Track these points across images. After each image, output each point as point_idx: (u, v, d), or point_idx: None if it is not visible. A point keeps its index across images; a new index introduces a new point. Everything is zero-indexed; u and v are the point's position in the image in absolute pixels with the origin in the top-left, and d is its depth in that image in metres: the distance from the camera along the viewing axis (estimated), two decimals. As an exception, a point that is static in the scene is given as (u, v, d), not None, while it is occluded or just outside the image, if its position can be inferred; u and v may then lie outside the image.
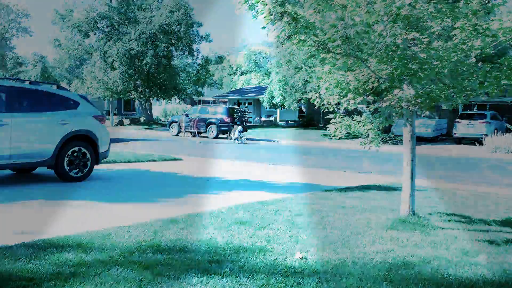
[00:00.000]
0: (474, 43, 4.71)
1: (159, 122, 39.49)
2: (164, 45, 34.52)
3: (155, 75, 34.55)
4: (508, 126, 17.26)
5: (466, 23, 4.61)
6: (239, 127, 25.15)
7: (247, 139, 24.92)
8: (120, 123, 38.37)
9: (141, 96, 36.90)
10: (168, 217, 5.61)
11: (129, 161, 12.04)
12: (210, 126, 26.77)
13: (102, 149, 9.00)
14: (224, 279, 3.63)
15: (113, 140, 13.69)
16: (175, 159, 13.41)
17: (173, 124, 29.17)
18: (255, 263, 4.06)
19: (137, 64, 33.13)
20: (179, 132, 28.49)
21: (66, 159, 8.35)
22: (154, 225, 5.23)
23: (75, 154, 8.50)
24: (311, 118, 34.85)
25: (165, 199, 7.13)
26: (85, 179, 8.61)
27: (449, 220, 6.25)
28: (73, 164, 8.45)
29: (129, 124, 38.16)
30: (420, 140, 22.91)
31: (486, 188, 10.03)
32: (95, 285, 3.38)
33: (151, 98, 39.02)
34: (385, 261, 4.31)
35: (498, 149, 20.19)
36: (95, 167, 9.01)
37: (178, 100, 43.07)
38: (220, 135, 26.66)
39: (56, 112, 8.38)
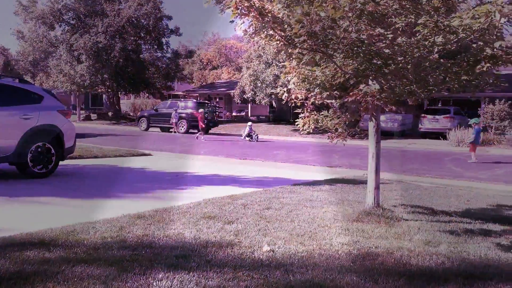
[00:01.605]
0: (436, 39, 4.84)
1: (128, 117, 38.82)
2: (132, 38, 33.90)
3: (123, 69, 33.89)
4: (470, 121, 17.87)
5: (428, 20, 4.72)
6: (249, 123, 23.73)
7: (257, 136, 22.90)
8: (87, 118, 37.51)
9: (109, 90, 36.18)
10: (135, 212, 5.54)
11: (96, 157, 11.81)
12: (180, 121, 26.50)
13: (67, 144, 8.78)
14: (191, 273, 3.62)
15: (80, 135, 13.39)
16: (144, 155, 13.23)
17: (142, 118, 28.72)
18: (222, 257, 4.07)
19: (105, 57, 32.39)
20: (148, 127, 28.09)
21: (29, 155, 8.09)
22: (121, 221, 5.15)
23: (39, 149, 8.26)
24: (281, 113, 35.05)
25: (133, 194, 7.04)
26: (50, 175, 8.39)
27: (413, 212, 6.44)
28: (37, 160, 8.21)
29: (97, 119, 37.36)
30: (386, 134, 23.41)
31: (449, 181, 10.38)
32: (58, 283, 3.31)
33: (119, 93, 38.29)
34: (351, 252, 4.40)
35: (461, 143, 20.89)
36: (61, 162, 8.79)
37: (147, 95, 42.45)
38: (191, 130, 26.44)
39: (18, 107, 8.11)
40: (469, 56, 4.97)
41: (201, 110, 23.78)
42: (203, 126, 22.51)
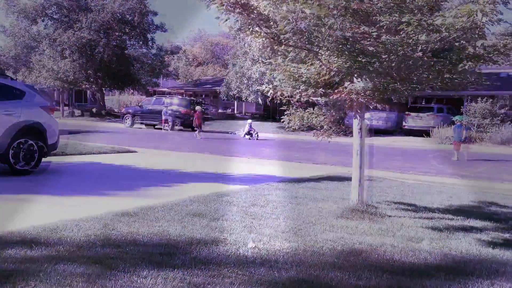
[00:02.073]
0: (420, 37, 4.89)
1: (113, 113, 38.40)
2: (117, 34, 33.51)
3: (108, 64, 33.48)
4: (453, 118, 18.16)
5: (412, 18, 4.77)
6: (249, 120, 23.00)
7: (257, 134, 22.12)
8: (71, 114, 36.97)
9: (93, 86, 35.73)
10: (120, 210, 5.50)
11: (80, 153, 11.66)
12: (166, 118, 26.28)
13: (50, 141, 8.65)
14: (175, 270, 3.61)
15: (63, 132, 13.19)
16: (128, 151, 13.12)
17: (127, 115, 28.44)
18: (207, 254, 4.07)
19: (89, 53, 31.96)
20: (133, 123, 27.84)
21: (11, 151, 7.95)
22: (105, 218, 5.10)
23: (21, 146, 8.12)
24: (268, 110, 35.07)
25: (117, 191, 6.98)
26: (33, 172, 8.26)
27: (396, 208, 6.51)
28: (19, 156, 8.07)
29: (81, 115, 36.86)
30: (371, 132, 23.63)
31: (432, 178, 10.53)
32: (40, 281, 3.26)
33: (103, 89, 37.84)
34: (335, 249, 4.44)
35: (444, 141, 21.19)
36: (44, 159, 8.66)
37: (132, 91, 42.05)
38: (176, 127, 26.27)
39: (-1, 102, 7.96)
40: (451, 55, 5.04)
41: (198, 107, 23.42)
42: (201, 124, 21.88)
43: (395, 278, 3.71)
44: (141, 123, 27.85)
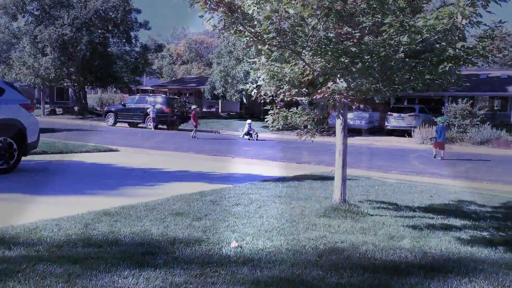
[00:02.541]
0: (402, 39, 4.96)
1: (95, 112, 37.91)
2: (100, 31, 33.07)
3: (90, 62, 33.01)
4: (435, 119, 18.44)
5: (394, 20, 4.83)
6: (249, 120, 22.37)
7: (257, 135, 21.60)
8: (52, 113, 36.37)
9: (75, 84, 35.18)
10: (101, 209, 5.44)
11: (61, 152, 11.49)
12: (148, 116, 26.09)
13: (30, 139, 8.51)
14: (157, 270, 3.59)
15: (44, 130, 12.99)
16: (111, 150, 12.98)
17: (110, 114, 28.12)
18: (190, 254, 4.05)
19: (71, 50, 31.46)
20: (115, 122, 27.53)
21: (-11, 150, 7.80)
22: (86, 217, 5.04)
23: (0, 144, 7.96)
24: (252, 110, 35.07)
25: (99, 191, 6.90)
26: (12, 171, 8.10)
27: (378, 207, 6.59)
28: (-3, 155, 7.91)
29: (62, 114, 36.30)
30: (354, 132, 23.85)
31: (413, 177, 10.68)
32: (18, 282, 3.21)
33: (86, 87, 37.31)
34: (317, 247, 4.47)
35: (425, 141, 21.50)
36: (24, 158, 8.52)
37: (114, 89, 41.57)
38: (160, 126, 26.08)
39: (-23, 100, 7.79)
40: (432, 56, 5.12)
41: (194, 107, 23.10)
42: (196, 124, 21.26)
43: (377, 276, 3.76)
44: (124, 122, 27.57)
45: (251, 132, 21.64)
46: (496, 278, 3.86)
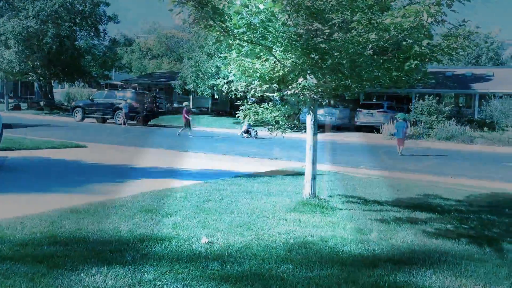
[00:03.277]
0: (370, 36, 5.04)
1: (62, 107, 36.87)
2: (67, 24, 32.11)
3: (57, 56, 32.04)
4: (396, 116, 18.80)
5: (362, 17, 4.90)
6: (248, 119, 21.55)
7: (256, 133, 20.83)
8: (17, 108, 35.16)
9: (41, 78, 34.09)
10: (69, 206, 5.31)
11: (26, 148, 11.14)
12: (117, 111, 25.60)
13: (-8, 135, 8.21)
14: (126, 267, 3.54)
15: (7, 126, 12.55)
16: (78, 146, 12.67)
17: (77, 109, 27.40)
18: (159, 251, 4.01)
19: (36, 43, 30.44)
20: (83, 117, 26.87)
21: None
22: (52, 215, 4.91)
23: (-40, 140, 7.66)
24: (224, 105, 34.94)
25: (66, 188, 6.73)
26: (-28, 168, 7.81)
27: (347, 202, 6.70)
28: (-43, 151, 7.61)
29: (27, 109, 35.17)
30: (324, 128, 24.12)
31: (381, 172, 10.90)
32: (-20, 282, 3.10)
33: (52, 81, 36.23)
34: (287, 242, 4.51)
35: (392, 137, 21.97)
36: (-15, 155, 8.21)
37: (82, 84, 40.55)
38: (129, 121, 25.63)
39: None
40: (399, 53, 5.23)
41: (186, 103, 22.54)
42: (188, 120, 20.54)
43: (345, 269, 3.83)
44: (92, 117, 26.95)
45: (250, 130, 21.29)
46: (459, 268, 4.00)
